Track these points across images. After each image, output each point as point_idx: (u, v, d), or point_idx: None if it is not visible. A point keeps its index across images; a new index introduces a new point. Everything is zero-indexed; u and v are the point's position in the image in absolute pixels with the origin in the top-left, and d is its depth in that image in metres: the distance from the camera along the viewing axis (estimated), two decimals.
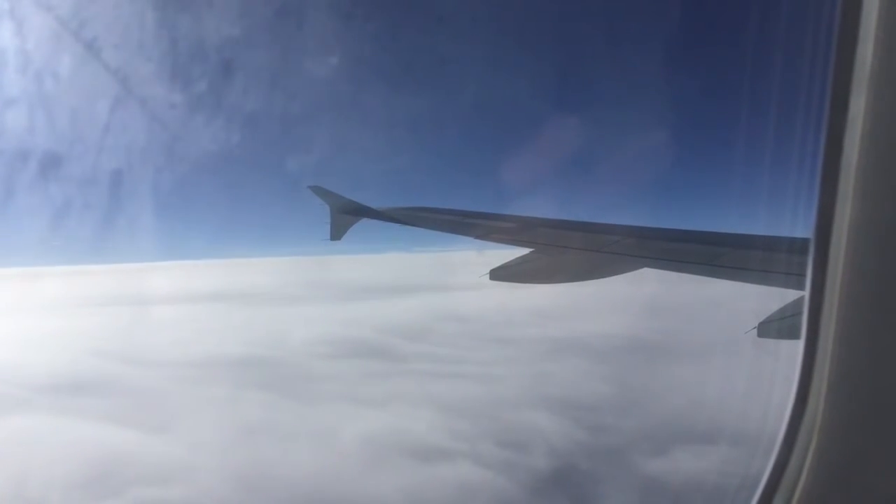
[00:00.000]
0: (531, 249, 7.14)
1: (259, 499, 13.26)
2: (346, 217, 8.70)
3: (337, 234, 8.76)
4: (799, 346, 1.65)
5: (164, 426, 16.26)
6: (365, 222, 8.60)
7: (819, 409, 1.57)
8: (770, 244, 5.32)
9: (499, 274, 7.30)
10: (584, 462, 13.99)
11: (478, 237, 7.65)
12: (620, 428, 15.05)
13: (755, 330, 5.16)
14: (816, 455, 1.58)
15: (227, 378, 20.05)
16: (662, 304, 16.87)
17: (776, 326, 4.87)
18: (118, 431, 15.99)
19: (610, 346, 19.64)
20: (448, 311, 26.70)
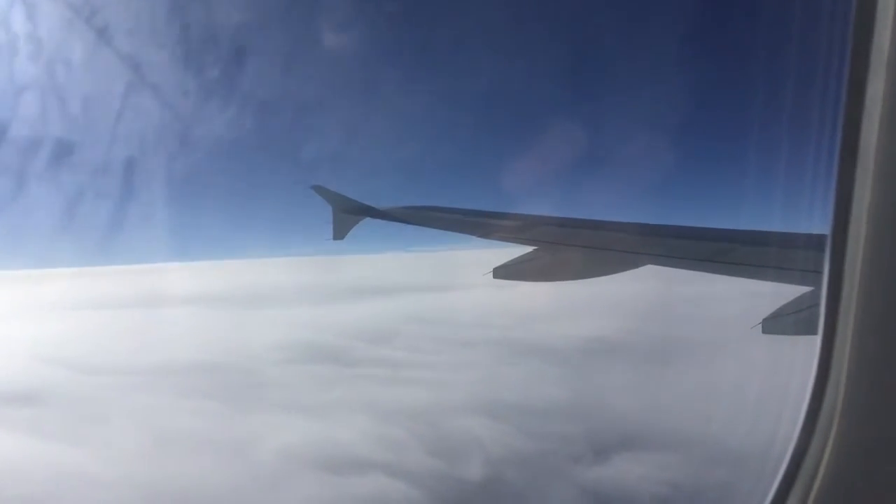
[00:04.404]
0: (535, 247, 7.16)
1: None
2: (348, 217, 8.71)
3: (340, 233, 8.77)
4: (814, 338, 1.66)
5: (84, 438, 15.72)
6: (368, 222, 8.62)
7: (839, 395, 1.58)
8: (773, 240, 5.34)
9: (502, 272, 7.33)
10: (512, 472, 13.43)
11: (481, 236, 7.68)
12: (578, 434, 14.57)
13: (759, 326, 5.18)
14: (837, 440, 1.59)
15: (173, 386, 19.35)
16: (664, 301, 16.76)
17: (781, 322, 4.89)
18: (31, 443, 15.45)
19: (597, 347, 19.18)
20: (429, 312, 26.13)
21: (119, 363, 21.75)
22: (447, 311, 25.81)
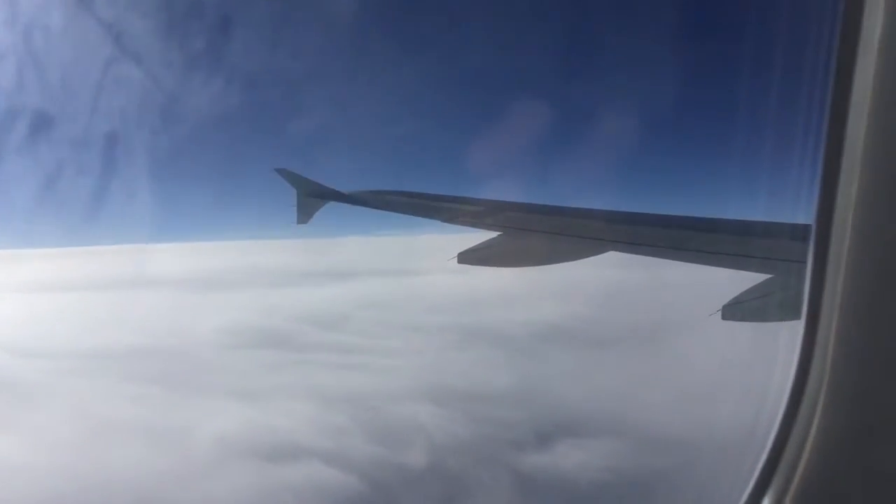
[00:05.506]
0: (500, 233, 7.19)
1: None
2: (313, 200, 8.62)
3: (304, 217, 8.69)
4: (772, 324, 1.69)
5: (15, 423, 15.36)
6: (333, 206, 8.55)
7: (823, 383, 1.56)
8: (734, 228, 5.45)
9: (467, 257, 7.36)
10: (453, 460, 13.37)
11: (447, 221, 7.68)
12: (526, 421, 14.36)
13: (719, 313, 5.29)
14: (820, 428, 1.58)
15: (113, 370, 18.92)
16: (625, 288, 16.89)
17: (740, 309, 5.00)
18: None
19: (555, 333, 19.12)
20: (389, 297, 25.82)
21: (58, 347, 20.98)
22: (408, 296, 25.65)
